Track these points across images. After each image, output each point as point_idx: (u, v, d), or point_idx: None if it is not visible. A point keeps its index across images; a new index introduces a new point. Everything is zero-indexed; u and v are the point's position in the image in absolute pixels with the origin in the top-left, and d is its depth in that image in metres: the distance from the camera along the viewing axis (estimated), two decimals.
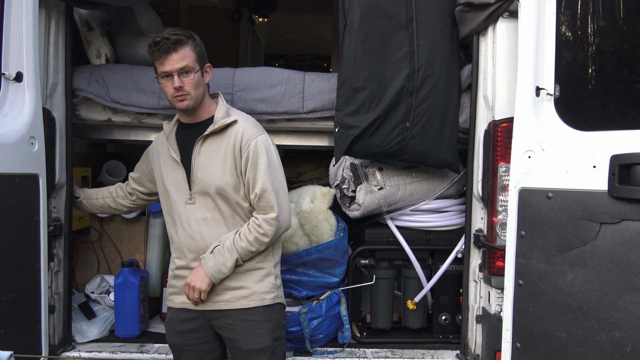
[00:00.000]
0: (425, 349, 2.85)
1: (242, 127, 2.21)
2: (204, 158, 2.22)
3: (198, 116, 2.28)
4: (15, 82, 2.30)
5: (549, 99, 2.14)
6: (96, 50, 3.04)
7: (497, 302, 2.46)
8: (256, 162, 2.17)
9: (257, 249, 2.18)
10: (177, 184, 2.27)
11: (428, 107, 2.60)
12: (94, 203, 2.64)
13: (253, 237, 2.15)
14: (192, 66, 2.17)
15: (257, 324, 2.19)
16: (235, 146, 2.18)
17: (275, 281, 2.27)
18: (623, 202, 1.86)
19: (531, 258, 2.09)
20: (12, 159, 2.20)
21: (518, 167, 2.14)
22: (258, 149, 2.17)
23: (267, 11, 6.30)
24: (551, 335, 2.04)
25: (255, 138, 2.19)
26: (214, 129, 2.20)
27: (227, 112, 2.25)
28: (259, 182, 2.15)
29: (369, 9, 2.56)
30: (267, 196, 2.15)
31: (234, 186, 2.19)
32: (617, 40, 2.16)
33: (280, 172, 2.25)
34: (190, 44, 2.18)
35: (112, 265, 3.23)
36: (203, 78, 2.24)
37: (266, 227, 2.15)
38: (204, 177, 2.20)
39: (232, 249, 2.15)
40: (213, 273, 2.14)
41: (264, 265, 2.24)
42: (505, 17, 2.46)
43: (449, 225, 2.92)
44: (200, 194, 2.22)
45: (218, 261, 2.15)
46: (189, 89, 2.17)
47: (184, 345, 2.29)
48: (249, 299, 2.20)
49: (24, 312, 2.28)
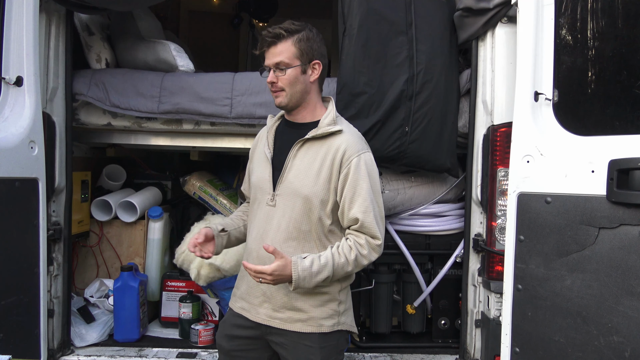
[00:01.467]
0: (425, 354, 2.85)
1: (347, 140, 2.01)
2: (298, 162, 2.05)
3: (301, 116, 2.13)
4: (16, 86, 2.30)
5: (547, 104, 2.14)
6: (96, 55, 3.04)
7: (496, 306, 2.46)
8: (356, 183, 1.97)
9: (351, 270, 2.00)
10: (262, 182, 2.12)
11: (427, 111, 2.60)
12: (237, 233, 2.31)
13: (354, 256, 1.97)
14: (288, 62, 2.02)
15: (311, 350, 2.02)
16: (335, 159, 1.99)
17: (337, 307, 2.07)
18: (621, 207, 1.86)
19: (530, 263, 2.09)
20: (11, 163, 2.21)
21: (517, 171, 2.14)
22: (360, 168, 1.98)
23: (267, 16, 6.30)
24: (550, 340, 2.03)
25: (358, 155, 1.99)
26: (315, 134, 2.03)
27: (334, 120, 2.07)
28: (360, 206, 1.96)
29: (368, 14, 2.58)
30: (370, 223, 1.97)
31: (322, 200, 2.01)
32: (615, 45, 2.17)
33: (381, 198, 2.06)
34: (293, 38, 2.03)
35: (111, 269, 3.23)
36: (305, 75, 2.06)
37: (368, 250, 2.00)
38: (294, 181, 2.03)
39: (327, 264, 1.94)
40: (299, 279, 1.91)
41: (329, 289, 2.04)
42: (504, 22, 2.47)
43: (448, 230, 2.92)
44: (283, 197, 2.04)
45: (311, 271, 1.92)
46: (282, 85, 2.04)
47: (230, 351, 2.16)
48: (306, 323, 2.02)
49: (23, 316, 2.28)
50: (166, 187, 3.65)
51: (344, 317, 2.11)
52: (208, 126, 2.90)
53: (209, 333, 2.94)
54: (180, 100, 2.81)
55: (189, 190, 3.38)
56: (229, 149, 3.07)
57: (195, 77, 2.90)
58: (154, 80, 2.87)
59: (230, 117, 2.82)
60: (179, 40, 3.97)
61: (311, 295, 2.02)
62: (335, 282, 2.05)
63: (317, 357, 2.02)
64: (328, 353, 2.05)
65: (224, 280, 2.91)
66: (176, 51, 3.02)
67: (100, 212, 3.18)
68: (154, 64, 3.01)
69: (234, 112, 2.81)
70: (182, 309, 3.05)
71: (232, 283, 2.89)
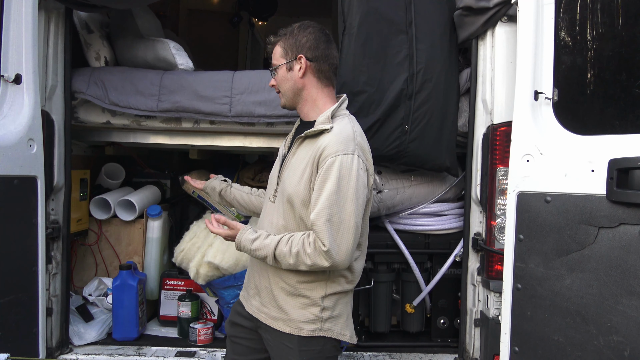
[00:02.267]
0: (424, 353, 2.85)
1: (329, 140, 1.92)
2: (294, 160, 2.06)
3: (304, 114, 2.13)
4: (14, 84, 2.30)
5: (547, 103, 2.14)
6: (95, 53, 3.04)
7: (496, 305, 2.46)
8: (323, 184, 1.88)
9: (294, 262, 1.91)
10: (271, 178, 2.18)
11: (427, 110, 2.60)
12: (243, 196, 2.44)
13: (296, 250, 1.90)
14: (275, 62, 2.09)
15: (291, 351, 2.01)
16: (315, 158, 1.93)
17: (320, 313, 2.00)
18: (621, 206, 1.86)
19: (529, 262, 2.09)
20: (10, 161, 2.20)
21: (516, 171, 2.14)
22: (332, 170, 1.87)
23: (267, 14, 6.31)
24: (549, 339, 2.03)
25: (335, 156, 1.88)
26: (308, 133, 2.01)
27: (328, 118, 2.00)
28: (318, 208, 1.87)
29: (368, 13, 2.57)
30: (319, 227, 1.86)
31: (303, 199, 1.96)
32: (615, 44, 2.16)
33: (351, 204, 1.88)
34: (280, 40, 2.09)
35: (110, 267, 3.23)
36: (292, 72, 2.06)
37: (313, 251, 1.88)
38: (284, 180, 2.06)
39: (269, 245, 1.93)
40: (239, 245, 1.98)
41: (310, 294, 1.99)
42: (504, 21, 2.47)
43: (448, 229, 2.92)
44: (279, 195, 2.07)
45: (251, 246, 1.95)
46: (278, 86, 2.12)
47: (232, 336, 2.24)
48: (286, 323, 2.02)
49: (22, 314, 2.28)
50: (165, 186, 3.64)
51: (330, 323, 2.02)
52: (207, 124, 2.90)
53: (207, 332, 2.93)
54: (180, 98, 2.81)
55: (188, 189, 3.38)
56: (228, 147, 3.07)
57: (194, 76, 2.90)
58: (153, 78, 2.86)
59: (230, 116, 2.82)
60: (178, 38, 3.97)
61: (293, 296, 2.01)
62: (319, 288, 2.00)
63: (296, 359, 2.01)
64: (309, 357, 2.02)
65: (223, 279, 2.91)
66: (175, 49, 3.01)
67: (99, 211, 3.18)
68: (153, 62, 3.01)
69: (234, 110, 2.81)
70: (181, 308, 3.04)
71: (231, 282, 2.90)
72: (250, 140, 2.98)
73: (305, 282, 1.99)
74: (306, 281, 1.99)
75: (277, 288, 2.03)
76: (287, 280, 2.01)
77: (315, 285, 2.00)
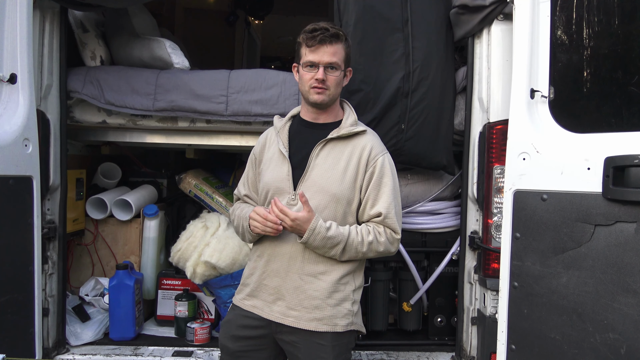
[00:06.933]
0: (421, 351, 2.85)
1: (371, 141, 2.13)
2: (321, 161, 2.09)
3: (324, 117, 2.18)
4: (9, 83, 2.28)
5: (543, 101, 2.14)
6: (91, 52, 3.03)
7: (492, 304, 2.46)
8: (381, 181, 2.08)
9: (365, 251, 2.05)
10: (279, 181, 2.11)
11: (423, 109, 2.60)
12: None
13: (371, 239, 2.04)
14: (339, 64, 2.10)
15: (323, 348, 2.03)
16: (361, 158, 2.09)
17: (352, 307, 2.09)
18: (617, 204, 1.87)
19: (526, 260, 2.09)
20: (5, 161, 2.19)
21: (513, 169, 2.14)
22: (385, 167, 2.10)
23: (263, 13, 6.30)
24: (546, 337, 2.04)
25: (382, 155, 2.12)
26: (340, 134, 2.10)
27: (356, 121, 2.16)
28: (384, 202, 2.07)
29: (364, 11, 2.57)
30: (392, 219, 2.07)
31: (348, 198, 2.07)
32: (611, 42, 2.17)
33: (400, 197, 2.17)
34: (345, 42, 2.13)
35: (106, 267, 3.22)
36: (344, 79, 2.17)
37: (385, 239, 2.07)
38: (318, 180, 2.07)
39: (343, 234, 2.00)
40: (312, 233, 1.96)
41: (344, 288, 2.08)
42: (500, 19, 2.47)
43: (444, 227, 2.92)
44: (311, 193, 2.05)
45: (327, 233, 1.97)
46: (330, 84, 2.08)
47: (236, 352, 2.13)
48: (321, 322, 2.03)
49: (18, 314, 2.27)
50: (162, 185, 3.64)
51: (357, 317, 2.14)
52: (203, 124, 2.89)
53: (205, 331, 2.93)
54: (176, 97, 2.80)
55: (185, 188, 3.37)
56: (225, 146, 3.06)
57: (190, 75, 2.89)
58: (149, 77, 2.85)
59: (226, 115, 2.81)
60: (174, 37, 3.96)
61: (329, 293, 2.04)
62: (351, 281, 2.10)
63: (329, 355, 2.03)
64: (339, 351, 2.07)
65: (219, 279, 2.90)
66: (171, 48, 3.01)
67: (95, 211, 3.17)
68: (149, 61, 3.00)
69: (230, 109, 2.80)
70: (178, 307, 3.04)
71: (228, 281, 2.89)
72: (246, 140, 2.97)
73: (341, 276, 2.07)
74: (342, 275, 2.07)
75: (311, 288, 2.04)
76: (323, 278, 2.05)
77: (348, 279, 2.10)
